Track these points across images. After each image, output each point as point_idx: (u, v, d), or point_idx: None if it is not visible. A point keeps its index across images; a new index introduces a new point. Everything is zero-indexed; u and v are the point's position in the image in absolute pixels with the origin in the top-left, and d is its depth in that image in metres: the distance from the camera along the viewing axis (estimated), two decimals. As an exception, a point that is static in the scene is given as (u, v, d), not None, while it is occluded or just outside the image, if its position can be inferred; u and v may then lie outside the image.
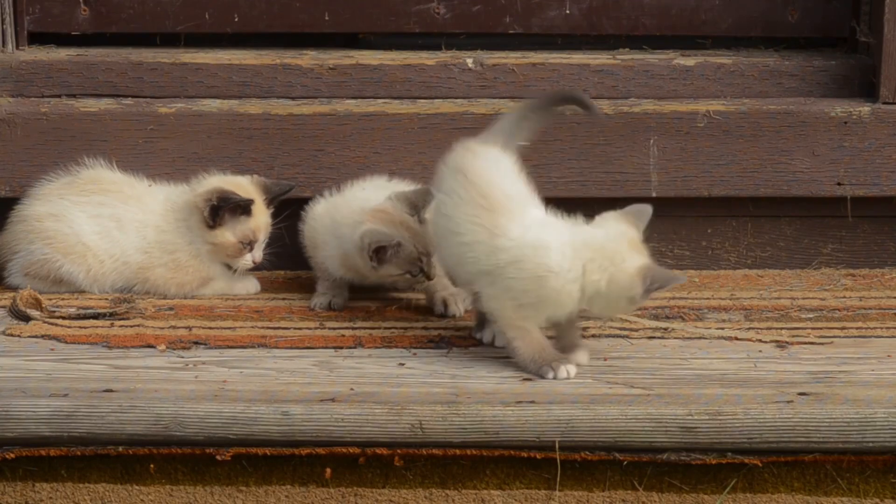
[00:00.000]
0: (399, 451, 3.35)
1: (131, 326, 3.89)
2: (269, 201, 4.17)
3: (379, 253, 3.87)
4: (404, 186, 4.11)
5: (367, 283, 4.07)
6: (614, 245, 3.52)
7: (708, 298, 4.14)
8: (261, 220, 4.14)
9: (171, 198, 4.18)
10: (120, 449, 3.36)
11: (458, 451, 3.34)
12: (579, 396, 3.38)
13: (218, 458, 3.36)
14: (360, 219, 3.94)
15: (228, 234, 4.11)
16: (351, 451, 3.34)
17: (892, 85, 4.32)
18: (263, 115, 4.34)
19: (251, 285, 4.22)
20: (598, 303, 3.53)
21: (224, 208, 4.07)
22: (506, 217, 3.56)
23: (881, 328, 3.89)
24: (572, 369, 3.53)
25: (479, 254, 3.57)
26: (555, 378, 3.51)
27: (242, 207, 4.08)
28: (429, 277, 3.93)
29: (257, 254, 4.16)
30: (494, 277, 3.55)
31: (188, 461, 3.39)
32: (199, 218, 4.10)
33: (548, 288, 3.50)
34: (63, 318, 3.95)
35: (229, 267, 4.18)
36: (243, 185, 4.15)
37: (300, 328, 3.89)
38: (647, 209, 3.61)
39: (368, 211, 3.95)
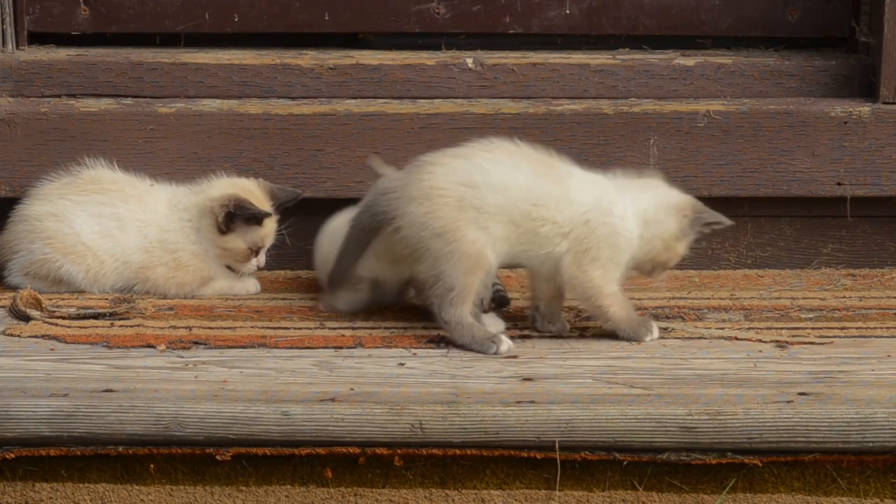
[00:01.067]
0: (399, 451, 3.35)
1: (131, 326, 3.89)
2: (276, 207, 4.16)
3: None
4: None
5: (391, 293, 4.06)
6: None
7: (708, 298, 4.14)
8: (269, 227, 4.14)
9: (176, 197, 4.17)
10: (120, 449, 3.36)
11: (458, 451, 3.34)
12: (579, 396, 3.38)
13: (218, 458, 3.36)
14: None
15: (239, 241, 4.11)
16: (351, 451, 3.34)
17: (892, 85, 4.32)
18: (263, 115, 4.34)
19: (251, 285, 4.22)
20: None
21: (240, 217, 4.07)
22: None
23: (881, 328, 3.89)
24: (656, 331, 3.77)
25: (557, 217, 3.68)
26: (652, 340, 3.76)
27: (258, 219, 4.09)
28: None
29: (261, 259, 4.16)
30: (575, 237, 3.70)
31: (188, 461, 3.39)
32: (212, 222, 4.10)
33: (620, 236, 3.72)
34: (63, 318, 3.95)
35: (231, 268, 4.18)
36: (254, 192, 4.13)
37: (300, 328, 3.89)
38: None
39: None
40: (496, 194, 3.66)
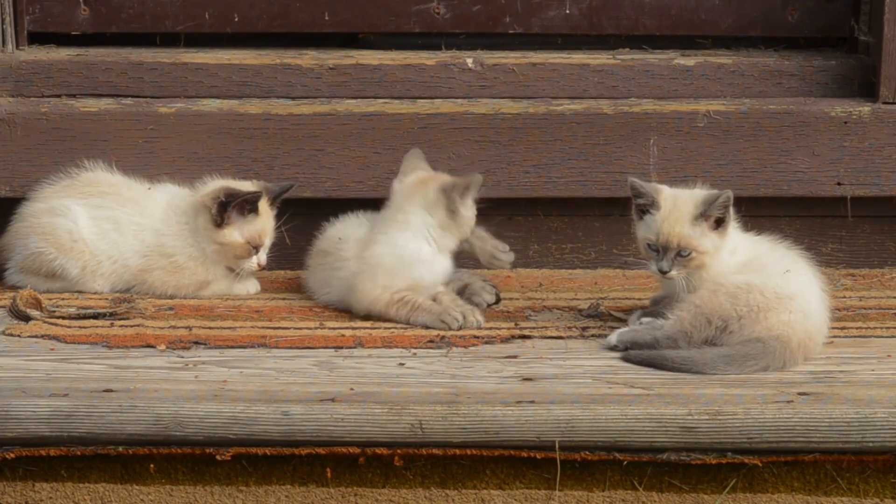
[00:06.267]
0: (399, 451, 3.35)
1: (131, 326, 3.89)
2: (272, 201, 4.16)
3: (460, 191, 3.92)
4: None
5: None
6: None
7: (708, 298, 4.13)
8: (267, 222, 4.14)
9: (173, 201, 4.17)
10: (120, 449, 3.36)
11: (458, 451, 3.34)
12: (579, 396, 3.38)
13: (218, 458, 3.36)
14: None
15: (236, 234, 4.10)
16: (351, 451, 3.34)
17: (892, 85, 4.32)
18: (263, 115, 4.34)
19: (251, 285, 4.22)
20: None
21: (232, 204, 4.06)
22: None
23: (881, 328, 3.89)
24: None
25: None
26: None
27: (250, 203, 4.07)
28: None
29: (262, 257, 4.15)
30: None
31: (188, 461, 3.39)
32: (207, 217, 4.09)
33: None
34: (63, 317, 3.95)
35: (232, 269, 4.16)
36: (248, 187, 4.14)
37: (300, 328, 3.89)
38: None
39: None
40: None
